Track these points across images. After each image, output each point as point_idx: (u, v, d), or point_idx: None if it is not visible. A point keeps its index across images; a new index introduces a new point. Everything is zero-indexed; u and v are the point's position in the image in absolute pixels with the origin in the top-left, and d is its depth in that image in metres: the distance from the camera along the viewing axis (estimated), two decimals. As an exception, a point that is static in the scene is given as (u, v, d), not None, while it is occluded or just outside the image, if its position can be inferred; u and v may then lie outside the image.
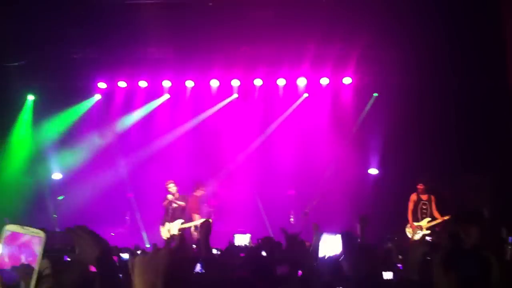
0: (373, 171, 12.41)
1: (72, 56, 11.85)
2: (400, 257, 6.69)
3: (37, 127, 12.86)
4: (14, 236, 1.46)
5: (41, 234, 1.48)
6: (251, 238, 9.33)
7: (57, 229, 10.79)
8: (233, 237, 9.91)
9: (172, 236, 9.70)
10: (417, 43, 10.70)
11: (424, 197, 10.41)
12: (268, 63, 12.35)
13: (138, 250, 7.85)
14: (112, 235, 11.40)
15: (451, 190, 10.80)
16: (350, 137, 12.56)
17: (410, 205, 10.45)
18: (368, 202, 11.32)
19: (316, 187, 11.66)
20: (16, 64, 11.52)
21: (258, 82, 12.87)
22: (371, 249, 1.89)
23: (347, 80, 12.58)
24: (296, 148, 12.47)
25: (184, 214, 10.86)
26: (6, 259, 1.44)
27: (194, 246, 8.37)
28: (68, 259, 5.16)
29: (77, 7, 9.90)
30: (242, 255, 5.91)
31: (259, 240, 6.97)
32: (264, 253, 5.81)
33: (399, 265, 5.36)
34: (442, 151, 11.07)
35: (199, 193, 10.93)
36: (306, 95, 12.94)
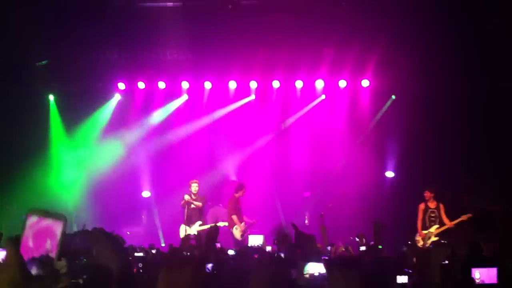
0: (390, 174, 12.35)
1: (92, 57, 12.03)
2: (414, 260, 6.67)
3: (58, 127, 13.09)
4: (38, 221, 1.52)
5: (63, 218, 1.55)
6: (265, 239, 9.33)
7: (75, 229, 10.92)
8: (247, 238, 9.94)
9: (188, 236, 9.64)
10: (433, 48, 10.65)
11: (432, 205, 10.31)
12: (286, 65, 12.38)
13: (152, 249, 7.95)
14: (127, 233, 11.51)
15: (452, 193, 10.69)
16: (367, 140, 12.51)
17: (419, 215, 10.37)
18: (384, 205, 11.28)
19: (332, 189, 11.65)
20: (40, 63, 11.72)
21: (276, 84, 12.91)
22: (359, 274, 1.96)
23: (365, 83, 12.53)
24: (313, 150, 12.46)
25: (201, 215, 10.80)
26: (31, 244, 1.50)
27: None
28: (85, 260, 5.23)
29: (98, 10, 10.06)
30: (255, 256, 5.95)
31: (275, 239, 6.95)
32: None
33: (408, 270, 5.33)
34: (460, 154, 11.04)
35: (239, 194, 10.77)
36: (323, 97, 12.92)
